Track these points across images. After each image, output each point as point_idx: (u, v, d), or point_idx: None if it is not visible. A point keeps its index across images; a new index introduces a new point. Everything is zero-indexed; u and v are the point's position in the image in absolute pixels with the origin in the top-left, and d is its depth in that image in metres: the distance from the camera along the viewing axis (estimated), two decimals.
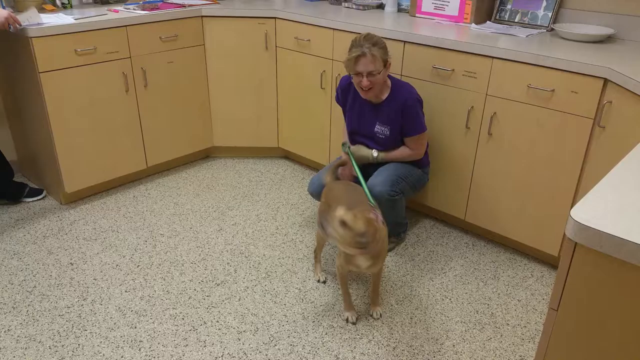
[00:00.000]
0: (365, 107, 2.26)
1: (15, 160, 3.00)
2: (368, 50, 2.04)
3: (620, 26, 2.34)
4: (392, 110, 2.17)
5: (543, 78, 2.04)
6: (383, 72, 2.11)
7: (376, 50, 2.05)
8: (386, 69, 2.12)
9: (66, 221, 2.63)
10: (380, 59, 2.07)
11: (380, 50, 2.07)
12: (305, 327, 1.98)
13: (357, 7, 2.98)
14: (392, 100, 2.17)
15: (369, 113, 2.25)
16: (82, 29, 2.47)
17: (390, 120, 2.19)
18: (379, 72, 2.08)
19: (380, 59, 2.07)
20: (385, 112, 2.19)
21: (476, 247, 2.50)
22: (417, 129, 2.19)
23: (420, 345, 1.91)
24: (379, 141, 2.26)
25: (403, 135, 2.22)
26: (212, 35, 2.97)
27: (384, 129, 2.22)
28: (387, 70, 2.14)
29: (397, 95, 2.17)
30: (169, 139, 3.03)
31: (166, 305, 2.08)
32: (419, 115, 2.18)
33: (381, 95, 2.20)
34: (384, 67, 2.10)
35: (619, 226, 0.86)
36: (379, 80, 2.11)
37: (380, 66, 2.07)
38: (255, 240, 2.51)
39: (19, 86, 2.62)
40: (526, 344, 1.92)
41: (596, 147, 1.98)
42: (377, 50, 2.06)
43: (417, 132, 2.19)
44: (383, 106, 2.20)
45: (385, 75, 2.14)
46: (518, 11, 2.56)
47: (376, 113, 2.23)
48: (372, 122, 2.24)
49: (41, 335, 1.92)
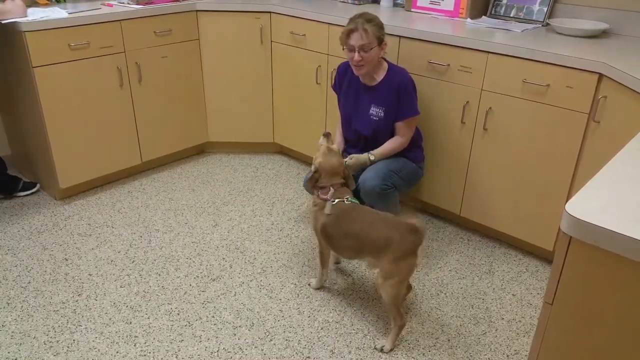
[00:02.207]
0: (361, 90, 2.26)
1: (9, 156, 2.98)
2: (361, 25, 2.08)
3: (615, 21, 2.35)
4: (388, 91, 2.18)
5: (538, 73, 2.04)
6: (376, 50, 2.11)
7: (369, 26, 2.08)
8: (381, 48, 2.13)
9: (60, 217, 2.62)
10: (374, 35, 2.08)
11: (374, 27, 2.09)
12: (301, 322, 1.99)
13: (353, 2, 2.97)
14: (387, 81, 2.18)
15: (364, 95, 2.26)
16: (76, 23, 2.45)
17: (385, 101, 2.19)
18: (371, 47, 2.09)
19: (373, 35, 2.08)
20: (380, 93, 2.20)
21: (471, 241, 2.50)
22: (410, 111, 2.18)
23: (416, 339, 1.91)
24: (372, 124, 2.25)
25: (395, 119, 2.21)
26: (207, 30, 2.96)
27: (379, 110, 2.22)
28: (382, 50, 2.14)
29: (392, 76, 2.18)
30: (164, 134, 3.02)
31: (161, 301, 2.07)
32: (413, 98, 2.18)
33: (377, 77, 2.20)
34: (378, 45, 2.10)
35: (614, 220, 0.87)
36: (372, 57, 2.12)
37: (372, 41, 2.09)
38: (251, 235, 2.51)
39: (13, 81, 2.60)
40: (521, 338, 1.93)
41: (591, 142, 1.98)
42: (370, 26, 2.08)
43: (410, 114, 2.18)
44: (378, 88, 2.21)
45: (379, 54, 2.14)
46: (513, 6, 2.56)
47: (371, 95, 2.23)
48: (368, 105, 2.25)
49: (36, 331, 1.91)
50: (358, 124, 2.30)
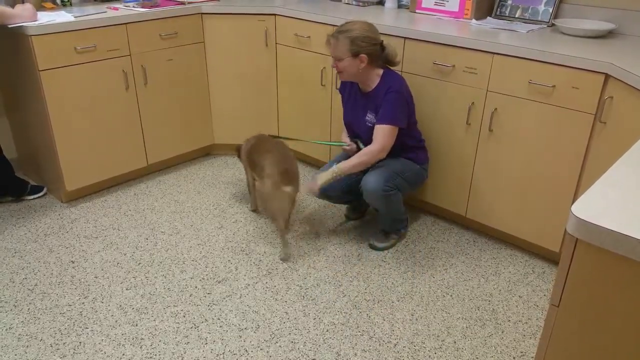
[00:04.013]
0: (359, 96, 2.27)
1: (16, 159, 3.00)
2: (333, 37, 2.12)
3: (621, 21, 2.33)
4: (378, 97, 2.18)
5: (544, 74, 2.03)
6: (350, 61, 2.11)
7: (342, 38, 2.09)
8: (359, 60, 2.10)
9: (67, 219, 2.64)
10: (345, 47, 2.09)
11: (346, 40, 2.08)
12: (307, 324, 1.98)
13: (357, 4, 2.97)
14: (379, 88, 2.19)
15: (360, 102, 2.27)
16: (82, 26, 2.46)
17: (377, 107, 2.19)
18: (342, 58, 2.11)
19: (344, 47, 2.09)
20: (373, 99, 2.20)
21: (477, 243, 2.49)
22: (386, 117, 2.13)
23: (422, 341, 1.91)
24: (369, 130, 2.25)
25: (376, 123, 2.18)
26: (212, 33, 2.97)
27: (372, 117, 2.23)
28: (360, 62, 2.11)
29: (384, 84, 2.18)
30: (170, 136, 3.03)
31: (167, 303, 2.08)
32: (396, 107, 2.13)
33: (371, 84, 2.20)
34: (352, 56, 2.10)
35: (620, 222, 0.86)
36: (345, 68, 2.13)
37: (343, 53, 2.10)
38: (256, 237, 2.51)
39: (19, 84, 2.62)
40: (527, 340, 1.92)
41: (597, 143, 1.97)
42: (342, 38, 2.09)
43: (385, 120, 2.13)
44: (372, 94, 2.21)
45: (357, 66, 2.12)
46: (518, 7, 2.55)
47: (367, 101, 2.24)
48: (364, 111, 2.25)
49: (42, 334, 1.92)
50: (357, 129, 2.32)
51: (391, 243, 2.44)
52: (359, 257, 2.38)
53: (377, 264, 2.33)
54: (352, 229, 2.59)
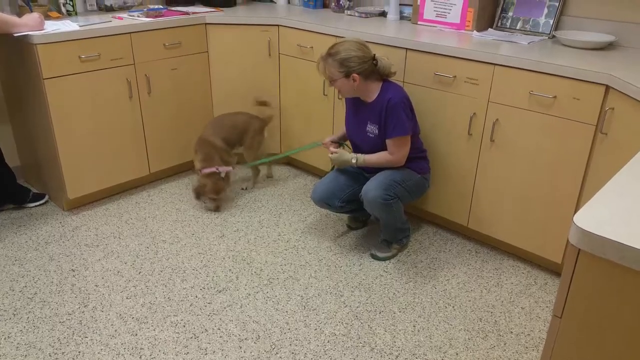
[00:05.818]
0: (360, 106, 2.28)
1: (19, 166, 3.01)
2: (322, 59, 2.18)
3: (621, 33, 2.35)
4: (380, 109, 2.19)
5: (545, 85, 2.04)
6: (343, 82, 2.16)
7: (331, 61, 2.15)
8: (349, 80, 2.15)
9: (68, 227, 2.63)
10: (334, 69, 2.15)
11: (335, 62, 2.14)
12: (307, 335, 1.97)
13: (360, 15, 2.99)
14: (379, 99, 2.20)
15: (362, 112, 2.28)
16: (87, 35, 2.48)
17: (378, 119, 2.21)
18: (334, 80, 2.17)
19: (333, 69, 2.15)
20: (374, 111, 2.22)
21: (479, 254, 2.49)
22: (396, 131, 2.16)
23: (424, 353, 1.89)
24: (370, 141, 2.26)
25: (385, 137, 2.22)
26: (216, 43, 2.99)
27: (373, 127, 2.24)
28: (354, 82, 2.15)
29: (384, 94, 2.19)
30: (172, 145, 3.04)
31: (167, 312, 2.07)
32: (401, 117, 2.15)
33: (372, 95, 2.22)
34: (344, 77, 2.15)
35: (623, 233, 0.86)
36: (340, 87, 2.20)
37: (333, 74, 2.16)
38: (257, 246, 2.51)
39: (23, 92, 2.63)
40: (530, 352, 1.91)
41: (598, 154, 1.97)
42: (331, 61, 2.15)
43: (396, 133, 2.16)
44: (372, 105, 2.22)
45: (351, 85, 2.17)
46: (519, 18, 2.56)
47: (368, 112, 2.25)
48: (365, 121, 2.27)
49: (41, 342, 1.91)
50: (358, 139, 2.33)
51: (393, 253, 2.44)
52: (361, 267, 2.37)
53: (378, 274, 2.32)
54: (353, 239, 2.59)
